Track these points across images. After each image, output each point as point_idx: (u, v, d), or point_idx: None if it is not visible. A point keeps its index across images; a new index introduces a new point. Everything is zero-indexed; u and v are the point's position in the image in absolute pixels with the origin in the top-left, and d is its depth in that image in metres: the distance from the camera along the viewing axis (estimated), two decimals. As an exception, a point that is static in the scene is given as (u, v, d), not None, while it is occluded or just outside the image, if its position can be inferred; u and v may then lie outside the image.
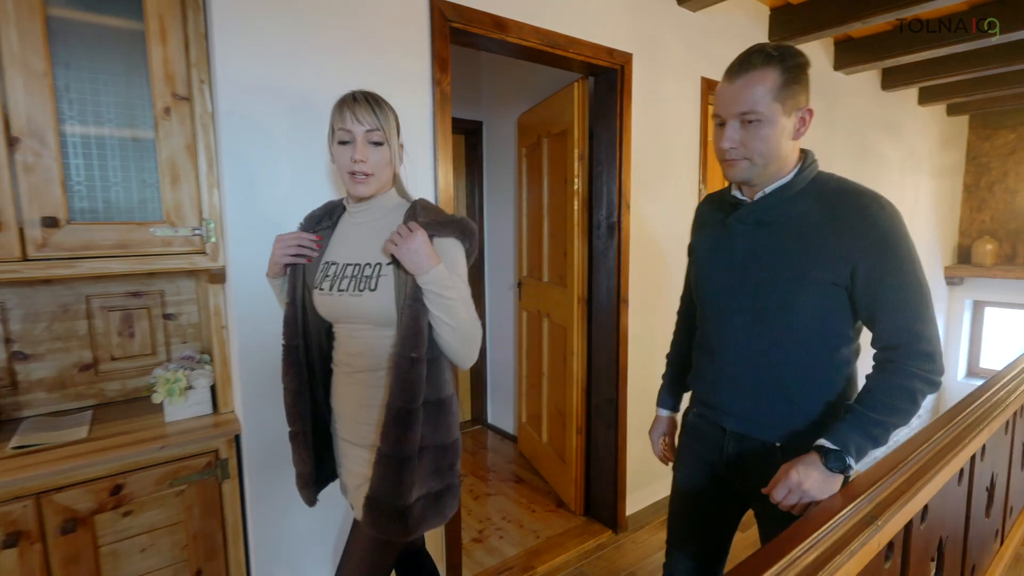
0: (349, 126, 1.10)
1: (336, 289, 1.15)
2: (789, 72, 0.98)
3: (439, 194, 1.76)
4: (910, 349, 0.97)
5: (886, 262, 0.97)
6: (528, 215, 3.04)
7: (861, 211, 0.99)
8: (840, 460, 0.95)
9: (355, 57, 1.57)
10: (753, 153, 1.01)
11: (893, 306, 0.97)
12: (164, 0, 1.33)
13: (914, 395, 0.96)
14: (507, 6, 1.85)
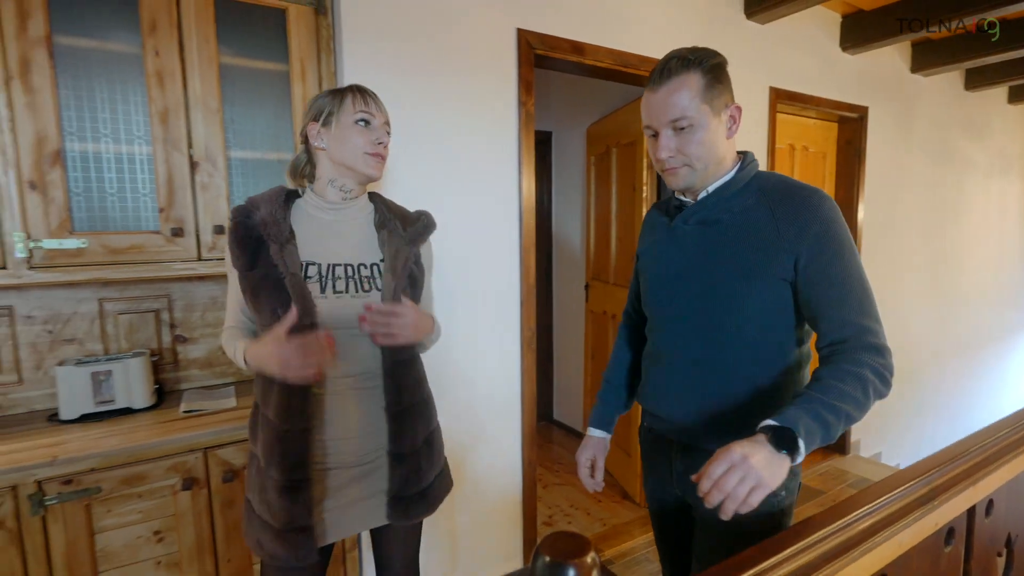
0: (372, 110, 1.11)
1: (332, 291, 1.08)
2: (710, 73, 0.98)
3: (523, 201, 1.97)
4: (858, 342, 0.91)
5: (828, 254, 0.94)
6: (596, 220, 3.20)
7: (803, 202, 0.97)
8: (790, 440, 0.80)
9: (452, 83, 1.80)
10: (692, 159, 1.01)
11: (837, 299, 0.93)
12: (304, 46, 1.61)
13: (865, 384, 0.86)
14: (585, 31, 2.03)
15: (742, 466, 0.76)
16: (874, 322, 0.93)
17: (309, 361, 0.97)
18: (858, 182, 3.16)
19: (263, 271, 1.04)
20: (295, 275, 1.04)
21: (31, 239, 1.35)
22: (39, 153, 1.34)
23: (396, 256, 1.14)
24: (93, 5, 1.39)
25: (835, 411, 0.84)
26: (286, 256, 1.05)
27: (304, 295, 1.04)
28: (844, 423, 0.86)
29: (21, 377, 1.64)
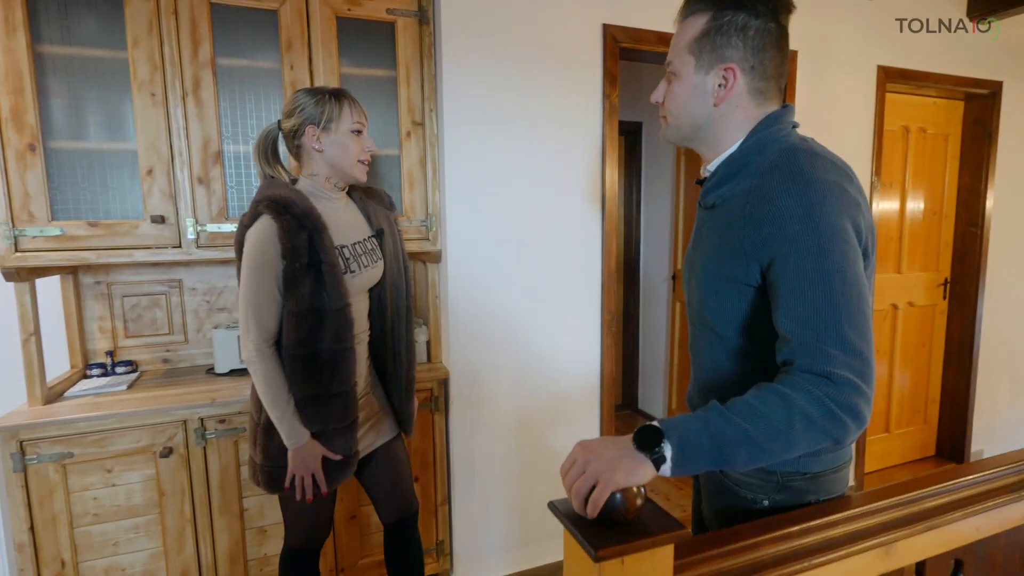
0: (363, 120, 1.25)
1: (362, 266, 1.29)
2: (716, 20, 0.82)
3: (606, 191, 2.05)
4: (804, 365, 0.73)
5: (788, 254, 0.75)
6: (684, 210, 3.17)
7: (774, 191, 0.78)
8: (651, 439, 0.70)
9: (541, 77, 1.92)
10: (668, 112, 0.89)
11: (789, 312, 0.75)
12: (409, 53, 1.82)
13: (790, 411, 0.70)
14: (669, 22, 2.06)
15: (581, 462, 0.69)
16: (828, 343, 0.72)
17: (307, 498, 1.26)
18: (987, 166, 2.86)
19: (307, 259, 1.14)
20: (334, 263, 1.18)
21: (198, 224, 1.68)
22: (205, 154, 1.66)
23: (389, 224, 1.42)
24: (246, 31, 1.68)
25: (733, 426, 0.70)
26: (326, 245, 1.17)
27: (339, 282, 1.19)
28: (748, 447, 0.70)
29: (187, 338, 2.02)
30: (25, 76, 1.47)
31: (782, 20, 0.83)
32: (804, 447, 0.73)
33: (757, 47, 0.82)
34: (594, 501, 0.67)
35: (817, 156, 0.81)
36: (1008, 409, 3.14)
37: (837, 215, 0.75)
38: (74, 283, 1.85)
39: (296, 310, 1.16)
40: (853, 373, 0.72)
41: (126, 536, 1.60)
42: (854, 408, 0.71)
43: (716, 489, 1.01)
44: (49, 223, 1.54)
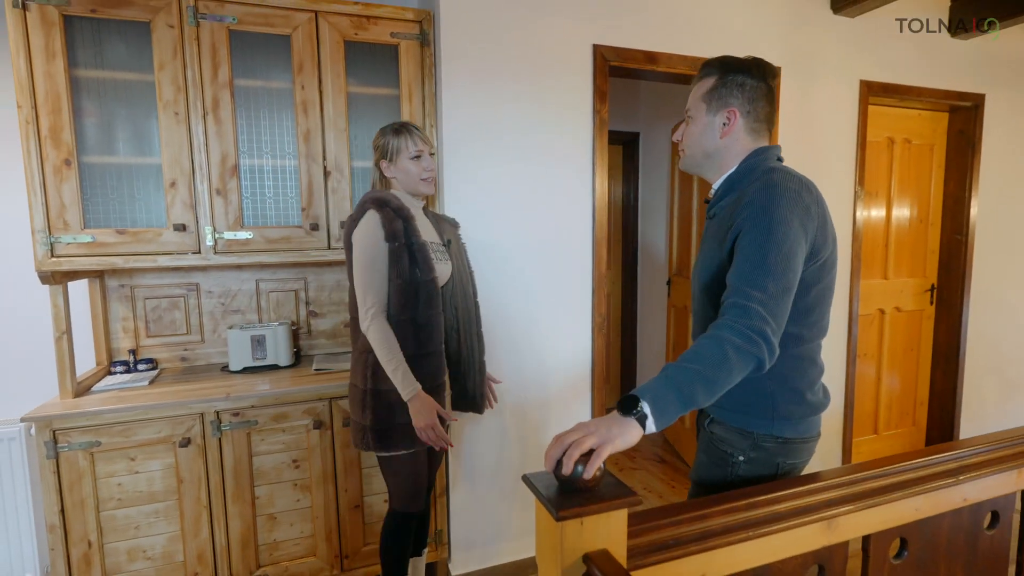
0: (421, 147, 1.55)
1: (438, 259, 1.56)
2: (722, 79, 1.11)
3: (596, 199, 2.17)
4: (728, 301, 0.96)
5: (747, 230, 0.99)
6: (679, 218, 3.29)
7: (749, 192, 1.03)
8: (630, 404, 0.86)
9: (534, 93, 2.05)
10: (685, 145, 1.18)
11: (734, 269, 0.99)
12: (411, 73, 1.96)
13: (721, 343, 0.91)
14: (658, 41, 2.19)
15: (581, 428, 0.84)
16: (753, 288, 0.94)
17: (438, 435, 1.47)
18: (971, 176, 2.95)
19: (404, 240, 1.45)
20: (423, 244, 1.48)
21: (216, 232, 1.81)
22: (223, 168, 1.80)
23: (456, 239, 1.73)
24: (261, 54, 1.83)
25: (687, 373, 0.89)
26: (416, 230, 1.48)
27: (428, 257, 1.49)
28: (702, 382, 0.88)
29: (203, 338, 2.15)
30: (63, 98, 1.63)
31: (770, 82, 1.13)
32: (740, 370, 0.92)
33: (752, 98, 1.11)
34: (593, 463, 0.80)
35: (787, 174, 1.05)
36: (995, 411, 3.22)
37: (788, 211, 0.99)
38: (101, 286, 2.00)
39: (399, 281, 1.45)
40: (764, 309, 0.94)
41: (147, 520, 1.73)
42: (763, 332, 0.92)
43: (704, 446, 1.22)
44: (82, 231, 1.69)
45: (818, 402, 1.13)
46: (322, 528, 1.89)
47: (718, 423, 1.17)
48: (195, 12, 1.72)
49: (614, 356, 4.09)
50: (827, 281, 1.08)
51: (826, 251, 1.06)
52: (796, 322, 1.06)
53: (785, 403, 1.10)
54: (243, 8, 1.77)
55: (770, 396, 1.09)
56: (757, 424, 1.11)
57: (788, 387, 1.09)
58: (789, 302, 0.98)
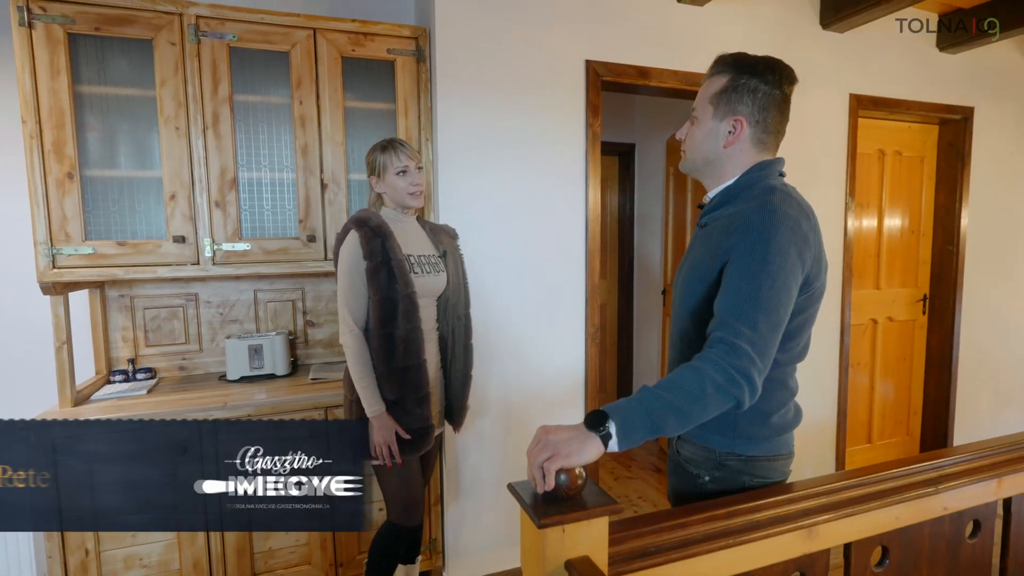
0: (407, 162, 1.58)
1: (424, 272, 1.59)
2: (734, 82, 1.02)
3: (589, 211, 2.21)
4: (715, 335, 0.92)
5: (741, 255, 0.94)
6: (674, 229, 3.33)
7: (745, 210, 0.98)
8: (598, 420, 0.85)
9: (529, 108, 2.09)
10: (686, 147, 1.11)
11: (725, 297, 0.94)
12: (407, 88, 2.00)
13: (701, 377, 0.88)
14: (650, 56, 2.24)
15: (543, 438, 0.86)
16: (743, 323, 0.90)
17: (392, 452, 1.51)
18: (962, 187, 2.99)
19: (382, 257, 1.48)
20: (400, 260, 1.50)
21: (214, 243, 1.85)
22: (222, 180, 1.84)
23: (451, 249, 1.74)
24: (260, 70, 1.87)
25: (661, 400, 0.87)
26: (394, 247, 1.50)
27: (405, 273, 1.51)
28: (675, 414, 0.86)
29: (201, 347, 2.18)
30: (66, 113, 1.67)
31: (786, 89, 1.04)
32: (717, 407, 0.90)
33: (763, 107, 1.03)
34: (548, 470, 0.82)
35: (788, 197, 1.00)
36: (989, 420, 3.24)
37: (786, 240, 0.94)
38: (101, 296, 2.03)
39: (376, 297, 1.49)
40: (752, 348, 0.90)
41: (144, 528, 1.75)
42: (748, 374, 0.89)
43: (673, 468, 1.20)
44: (83, 243, 1.72)
45: (785, 423, 1.09)
46: (317, 536, 1.90)
47: (685, 441, 1.14)
48: (196, 30, 1.76)
49: (610, 365, 4.12)
50: (812, 310, 1.04)
51: (819, 281, 1.02)
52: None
53: (747, 423, 1.06)
54: (243, 26, 1.82)
55: (732, 416, 1.04)
56: (718, 441, 1.08)
57: (752, 409, 1.01)
58: (778, 338, 0.94)
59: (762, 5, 2.42)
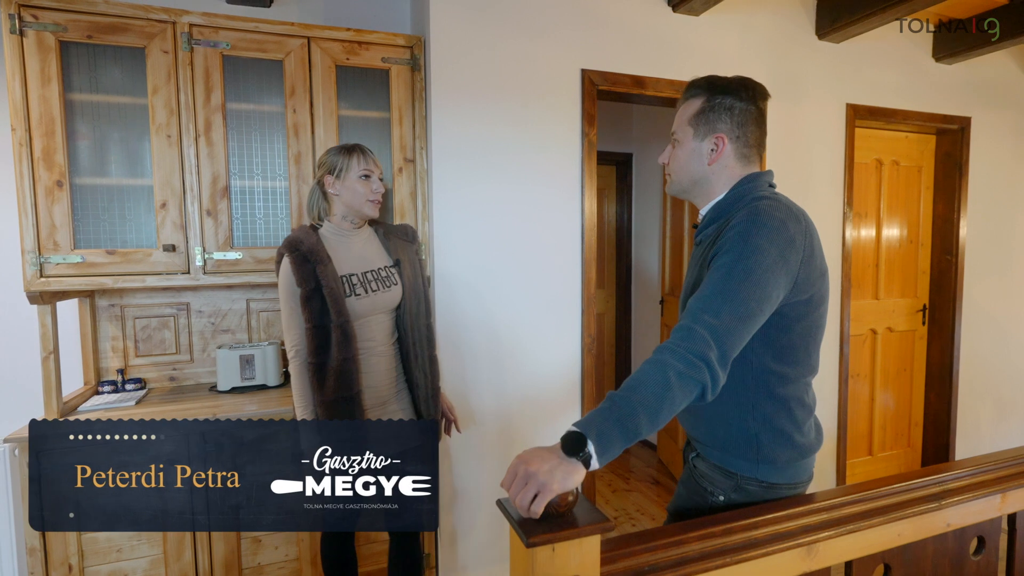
0: (371, 167, 1.52)
1: (370, 291, 1.51)
2: (709, 102, 1.06)
3: (584, 220, 2.19)
4: (677, 324, 0.92)
5: (719, 256, 0.95)
6: (671, 237, 3.31)
7: (735, 219, 0.98)
8: (577, 442, 0.81)
9: (523, 118, 2.08)
10: (671, 169, 1.13)
11: (697, 292, 0.94)
12: (402, 97, 1.99)
13: (664, 369, 0.85)
14: (646, 65, 2.23)
15: (522, 474, 0.81)
16: (706, 312, 0.90)
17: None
18: (960, 197, 2.98)
19: (314, 285, 1.42)
20: (332, 288, 1.43)
21: (205, 252, 1.83)
22: (214, 189, 1.83)
23: (407, 256, 1.64)
24: (254, 79, 1.86)
25: (630, 404, 0.83)
26: (327, 273, 1.44)
27: (338, 300, 1.43)
28: (645, 412, 0.83)
29: (192, 357, 2.15)
30: (56, 121, 1.65)
31: (760, 104, 1.08)
32: (683, 397, 0.86)
33: (741, 122, 1.06)
34: (535, 510, 0.79)
35: (776, 203, 1.00)
36: (990, 432, 3.20)
37: (766, 240, 0.94)
38: (91, 306, 2.00)
39: (309, 325, 1.43)
40: (710, 334, 0.88)
41: (129, 543, 1.71)
42: (705, 357, 0.87)
43: (685, 479, 1.18)
44: (72, 251, 1.70)
45: (808, 444, 1.07)
46: (307, 551, 1.86)
47: (702, 459, 1.11)
48: (189, 38, 1.76)
49: (608, 375, 4.08)
50: (814, 317, 1.02)
51: (812, 286, 1.00)
52: (778, 360, 1.01)
53: (770, 445, 1.03)
54: (237, 34, 1.81)
55: (754, 437, 1.03)
56: (740, 465, 1.05)
57: (773, 428, 1.03)
58: (746, 332, 0.91)
59: (758, 15, 2.42)
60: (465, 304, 2.07)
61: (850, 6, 2.40)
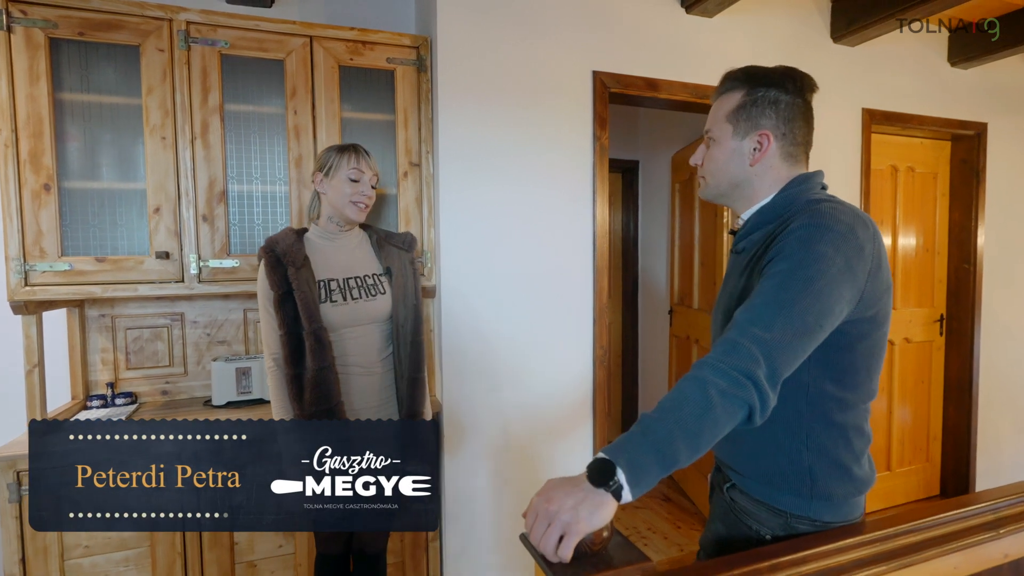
0: (363, 168, 1.44)
1: (351, 298, 1.43)
2: (751, 96, 0.95)
3: (596, 227, 2.11)
4: (720, 336, 0.81)
5: (775, 262, 0.84)
6: (680, 246, 3.23)
7: (793, 223, 0.87)
8: (605, 471, 0.71)
9: (534, 120, 2.01)
10: (706, 172, 1.02)
11: (746, 302, 0.83)
12: (407, 99, 1.92)
13: (704, 387, 0.74)
14: (658, 68, 2.16)
15: (544, 513, 0.70)
16: (756, 325, 0.78)
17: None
18: (977, 205, 2.90)
19: (286, 288, 1.35)
20: (305, 292, 1.36)
21: (201, 259, 1.74)
22: (210, 193, 1.74)
23: (400, 265, 1.53)
24: (253, 79, 1.78)
25: (667, 425, 0.73)
26: (300, 276, 1.37)
27: (309, 306, 1.35)
28: (684, 438, 0.72)
29: (186, 370, 2.06)
30: (45, 121, 1.57)
31: (807, 97, 0.98)
32: (727, 420, 0.75)
33: (788, 118, 0.96)
34: (563, 554, 0.68)
35: (838, 206, 0.89)
36: (1012, 447, 3.10)
37: (832, 247, 0.82)
38: (80, 316, 1.91)
39: (282, 331, 1.36)
40: (759, 349, 0.76)
41: (116, 569, 1.60)
42: (751, 374, 0.75)
43: (722, 514, 1.06)
44: (59, 258, 1.61)
45: (865, 477, 0.97)
46: (305, 572, 1.76)
47: (742, 492, 1.00)
48: (186, 36, 1.68)
49: (615, 387, 3.98)
50: (876, 337, 0.91)
51: (879, 301, 0.89)
52: (837, 383, 0.91)
53: (826, 479, 0.93)
54: (236, 33, 1.73)
55: (808, 470, 0.92)
56: (790, 502, 0.94)
57: (829, 459, 0.92)
58: (801, 350, 0.79)
59: (772, 17, 2.36)
60: (472, 315, 1.98)
61: (866, 8, 2.35)
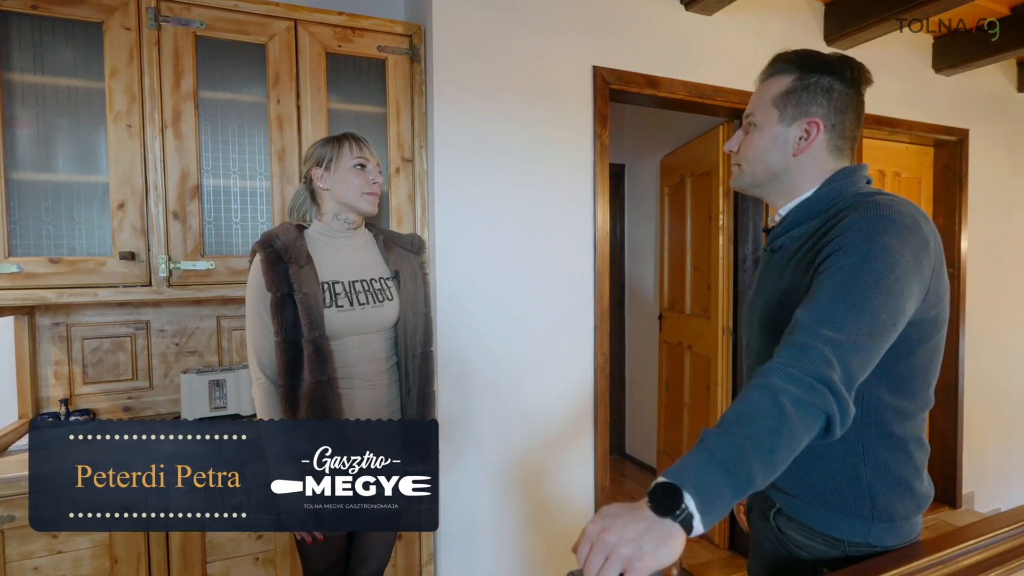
0: (366, 155, 1.31)
1: (358, 303, 1.29)
2: (802, 81, 0.89)
3: (597, 229, 2.02)
4: (785, 339, 0.73)
5: (836, 256, 0.76)
6: (670, 250, 3.18)
7: (848, 217, 0.79)
8: (669, 498, 0.61)
9: (532, 117, 1.91)
10: (742, 159, 0.95)
11: (807, 300, 0.75)
12: (400, 91, 1.80)
13: (775, 396, 0.66)
14: (659, 65, 2.10)
15: (600, 545, 0.59)
16: (825, 325, 0.70)
17: (307, 540, 1.23)
18: (960, 209, 2.94)
19: (286, 289, 1.21)
20: (307, 294, 1.22)
21: (171, 261, 1.57)
22: (182, 188, 1.58)
23: (410, 268, 1.41)
24: (232, 64, 1.63)
25: (737, 442, 0.64)
26: (302, 276, 1.22)
27: (312, 310, 1.21)
28: (758, 455, 0.64)
29: (152, 383, 1.87)
30: (-10, 104, 1.39)
31: (861, 89, 0.92)
32: (805, 432, 0.67)
33: (840, 108, 0.89)
34: None
35: (895, 199, 0.82)
36: (996, 451, 3.14)
37: (899, 240, 0.75)
38: (29, 324, 1.71)
39: (278, 339, 1.21)
40: (832, 351, 0.69)
41: None
42: (826, 379, 0.67)
43: (771, 545, 0.97)
44: (5, 259, 1.42)
45: (927, 492, 0.90)
46: (287, 609, 1.59)
47: (789, 519, 0.91)
48: (156, 14, 1.52)
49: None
50: (936, 340, 0.84)
51: (941, 300, 0.82)
52: (895, 391, 0.83)
53: (887, 497, 0.85)
54: (212, 12, 1.58)
55: (867, 488, 0.84)
56: (848, 527, 0.85)
57: (891, 476, 0.84)
58: (875, 351, 0.71)
59: (768, 18, 2.33)
60: (468, 319, 1.85)
61: (859, 12, 2.34)
